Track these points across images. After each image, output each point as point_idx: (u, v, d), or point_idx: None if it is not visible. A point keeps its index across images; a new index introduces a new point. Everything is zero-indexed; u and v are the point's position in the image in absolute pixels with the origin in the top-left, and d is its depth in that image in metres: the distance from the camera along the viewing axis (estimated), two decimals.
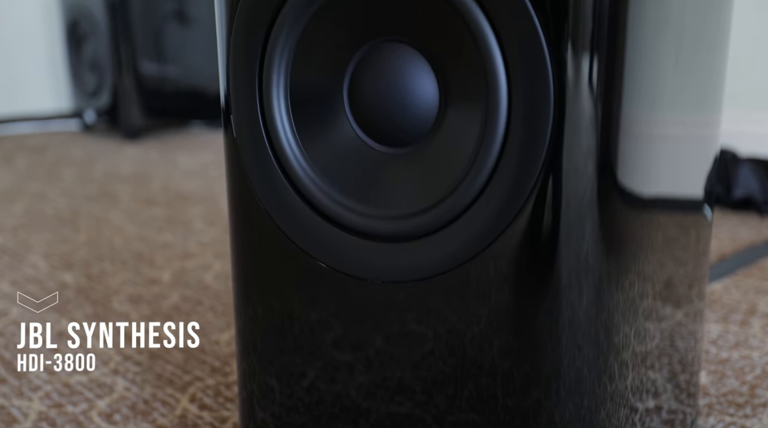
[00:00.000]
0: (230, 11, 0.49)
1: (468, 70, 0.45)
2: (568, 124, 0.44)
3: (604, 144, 0.45)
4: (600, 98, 0.44)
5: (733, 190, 1.31)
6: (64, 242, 1.25)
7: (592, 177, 0.45)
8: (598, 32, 0.43)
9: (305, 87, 0.48)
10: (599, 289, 0.48)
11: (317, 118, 0.49)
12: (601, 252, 0.48)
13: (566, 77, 0.43)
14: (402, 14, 0.46)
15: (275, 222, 0.51)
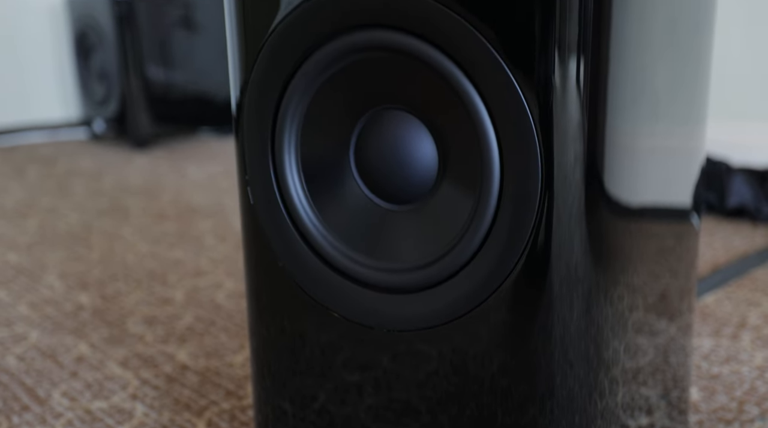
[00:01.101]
0: (241, 89, 0.53)
1: (463, 136, 0.49)
2: (557, 175, 0.47)
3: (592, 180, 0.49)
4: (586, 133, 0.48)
5: (727, 198, 1.34)
6: (78, 260, 1.30)
7: (581, 207, 0.49)
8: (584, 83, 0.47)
9: (315, 151, 0.52)
10: (589, 302, 0.52)
11: (327, 179, 0.52)
12: (590, 263, 0.51)
13: (552, 117, 0.47)
14: (400, 85, 0.50)
15: (291, 277, 0.55)
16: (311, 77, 0.50)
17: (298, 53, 0.50)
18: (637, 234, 0.57)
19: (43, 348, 0.96)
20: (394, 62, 0.48)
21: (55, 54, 2.48)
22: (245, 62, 0.52)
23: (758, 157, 1.44)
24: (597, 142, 0.48)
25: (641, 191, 0.56)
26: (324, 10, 0.48)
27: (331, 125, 0.51)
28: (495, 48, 0.45)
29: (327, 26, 0.48)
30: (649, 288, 0.62)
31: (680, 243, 0.68)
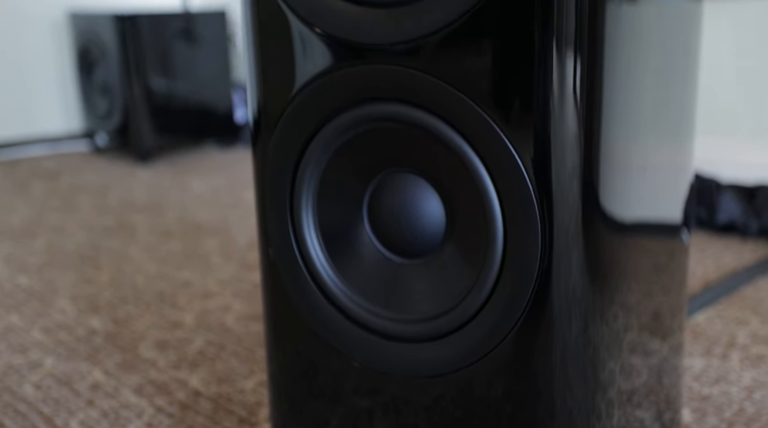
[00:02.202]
0: (262, 154, 0.57)
1: (467, 196, 0.52)
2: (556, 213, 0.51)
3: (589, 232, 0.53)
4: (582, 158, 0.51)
5: (717, 214, 1.38)
6: (89, 282, 1.33)
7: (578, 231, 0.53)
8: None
9: (331, 211, 0.56)
10: (586, 323, 0.56)
11: (343, 235, 0.56)
12: (587, 285, 0.54)
13: (551, 174, 0.50)
14: (408, 152, 0.53)
15: (311, 329, 0.59)
16: (326, 144, 0.54)
17: (314, 122, 0.53)
18: (629, 253, 0.60)
19: (58, 375, 1.00)
20: (402, 131, 0.52)
21: (58, 68, 2.51)
22: (265, 129, 0.56)
23: (746, 174, 1.48)
24: (594, 200, 0.52)
25: (634, 211, 0.59)
26: (338, 85, 0.52)
27: (345, 187, 0.55)
28: (494, 121, 0.49)
29: (341, 99, 0.52)
30: (642, 306, 0.65)
31: (671, 260, 0.72)
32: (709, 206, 1.40)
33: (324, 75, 0.52)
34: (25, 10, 2.43)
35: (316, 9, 0.51)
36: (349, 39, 0.50)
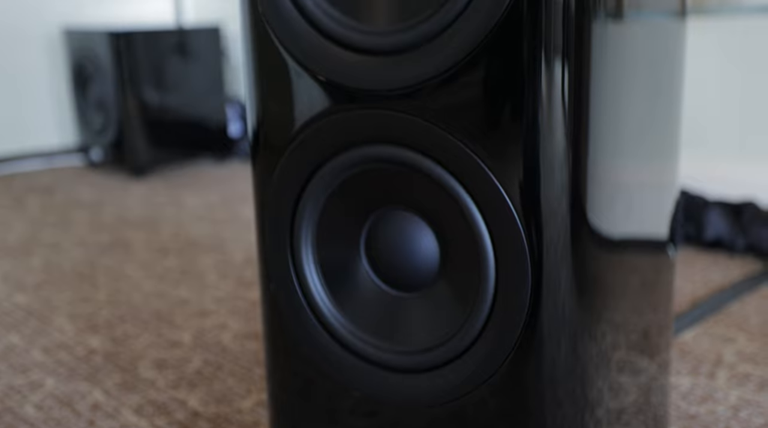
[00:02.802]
0: (262, 195, 0.59)
1: (459, 232, 0.55)
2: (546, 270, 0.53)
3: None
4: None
5: (705, 231, 1.41)
6: (86, 301, 1.35)
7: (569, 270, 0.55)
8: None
9: (330, 247, 0.58)
10: (574, 340, 0.58)
11: (341, 270, 0.58)
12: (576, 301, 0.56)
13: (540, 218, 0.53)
14: (402, 190, 0.56)
15: (312, 364, 0.61)
16: (325, 183, 0.56)
17: (312, 163, 0.56)
18: (616, 269, 0.62)
19: (59, 395, 1.01)
20: (397, 172, 0.54)
21: (53, 83, 2.53)
22: (266, 168, 0.58)
23: (732, 191, 1.51)
24: (582, 218, 0.55)
25: (621, 228, 0.61)
26: (335, 128, 0.54)
27: (343, 224, 0.57)
28: (484, 161, 0.51)
29: (338, 141, 0.55)
30: (629, 322, 0.68)
31: (658, 276, 0.74)
32: (697, 222, 1.43)
33: (321, 118, 0.55)
34: (20, 26, 2.45)
35: (315, 55, 0.53)
36: (346, 84, 0.52)
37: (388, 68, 0.51)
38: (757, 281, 1.27)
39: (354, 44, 0.52)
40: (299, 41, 0.53)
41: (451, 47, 0.50)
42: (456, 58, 0.50)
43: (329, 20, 0.52)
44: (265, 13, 0.53)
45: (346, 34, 0.52)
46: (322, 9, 0.52)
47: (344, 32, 0.52)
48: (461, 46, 0.49)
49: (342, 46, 0.52)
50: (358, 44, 0.52)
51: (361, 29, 0.51)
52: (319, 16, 0.52)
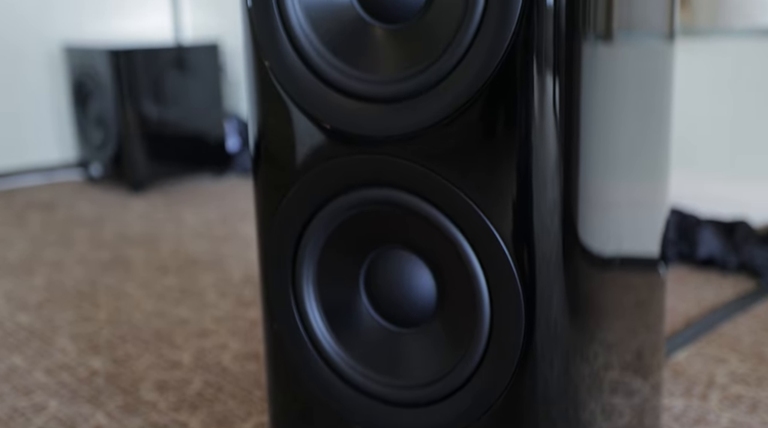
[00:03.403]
0: (264, 235, 0.61)
1: (455, 269, 0.57)
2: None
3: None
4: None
5: (698, 249, 1.43)
6: (88, 320, 1.36)
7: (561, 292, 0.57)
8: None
9: (331, 284, 0.60)
10: (567, 361, 0.60)
11: (342, 307, 0.60)
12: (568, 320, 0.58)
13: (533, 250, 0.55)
14: (398, 229, 0.58)
15: (314, 396, 0.63)
16: (325, 224, 0.58)
17: (313, 204, 0.58)
18: (608, 288, 0.64)
19: (62, 418, 1.03)
20: (394, 213, 0.56)
21: (54, 100, 2.55)
22: (267, 211, 0.60)
23: (724, 210, 1.54)
24: (574, 237, 0.57)
25: (612, 246, 0.63)
26: (335, 171, 0.56)
27: (343, 262, 0.59)
28: (479, 206, 0.54)
29: (337, 184, 0.57)
30: (621, 341, 0.69)
31: (649, 294, 0.76)
32: (691, 241, 1.45)
33: (323, 161, 0.57)
34: (21, 43, 2.47)
35: (318, 102, 0.55)
36: (347, 131, 0.54)
37: (387, 116, 0.53)
38: (749, 300, 1.29)
39: (355, 92, 0.54)
40: (303, 89, 0.55)
41: (448, 97, 0.52)
42: (452, 107, 0.52)
43: (332, 70, 0.54)
44: (272, 67, 0.55)
45: (348, 83, 0.54)
46: (326, 59, 0.54)
47: (346, 81, 0.54)
48: (457, 96, 0.51)
49: (344, 94, 0.54)
50: (359, 92, 0.54)
51: (363, 78, 0.54)
52: (323, 66, 0.54)
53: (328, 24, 0.53)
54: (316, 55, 0.54)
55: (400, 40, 0.54)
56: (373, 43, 0.54)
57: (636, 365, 0.75)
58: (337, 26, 0.54)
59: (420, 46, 0.53)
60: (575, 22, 0.52)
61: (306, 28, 0.53)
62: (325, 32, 0.53)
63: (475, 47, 0.50)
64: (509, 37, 0.49)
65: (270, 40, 0.54)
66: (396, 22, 0.54)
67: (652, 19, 0.67)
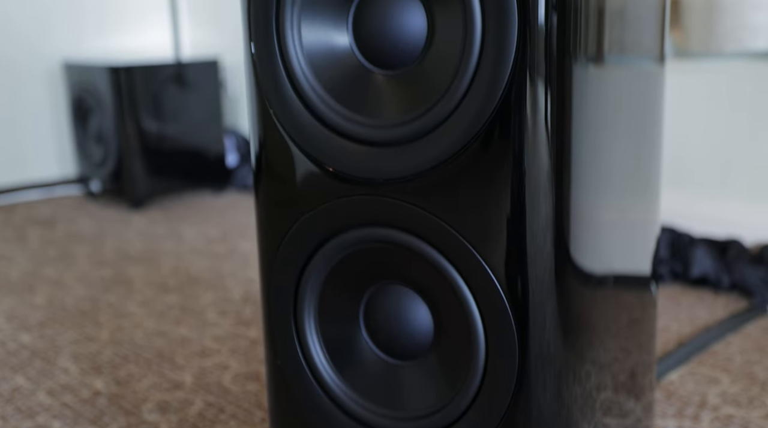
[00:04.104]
0: (267, 272, 0.63)
1: (451, 306, 0.59)
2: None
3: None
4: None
5: (691, 268, 1.45)
6: (90, 340, 1.38)
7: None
8: None
9: (332, 319, 0.62)
10: (559, 382, 0.61)
11: (342, 341, 0.62)
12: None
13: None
14: (396, 266, 0.60)
15: (314, 425, 0.65)
16: (325, 261, 0.60)
17: (314, 243, 0.60)
18: (599, 307, 0.65)
19: None
20: (391, 251, 0.59)
21: (54, 116, 2.57)
22: (269, 248, 0.62)
23: (718, 229, 1.56)
24: (566, 257, 0.59)
25: (604, 265, 0.65)
26: (335, 211, 0.59)
27: (343, 297, 0.61)
28: (471, 242, 0.56)
29: (337, 224, 0.59)
30: (613, 361, 0.71)
31: (640, 313, 0.78)
32: (684, 259, 1.47)
33: (324, 201, 0.59)
34: (21, 59, 2.49)
35: (321, 146, 0.57)
36: (348, 173, 0.57)
37: (387, 159, 0.56)
38: (741, 320, 1.31)
39: (357, 136, 0.56)
40: (306, 134, 0.57)
41: (444, 142, 0.54)
42: (448, 153, 0.54)
43: (334, 115, 0.56)
44: (277, 114, 0.57)
45: (350, 127, 0.56)
46: (328, 105, 0.56)
47: (348, 125, 0.56)
48: (453, 142, 0.54)
49: (346, 138, 0.56)
50: (360, 136, 0.56)
51: (364, 123, 0.56)
52: (325, 111, 0.56)
53: (330, 71, 0.56)
54: (319, 101, 0.56)
55: (399, 86, 0.56)
56: (373, 88, 0.56)
57: (628, 385, 0.77)
58: (338, 73, 0.56)
59: (418, 91, 0.55)
60: (568, 57, 0.54)
61: (309, 75, 0.56)
62: (328, 79, 0.56)
63: (470, 95, 0.53)
64: (504, 87, 0.52)
65: (273, 87, 0.56)
66: (395, 68, 0.56)
67: (642, 42, 0.70)
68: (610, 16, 0.60)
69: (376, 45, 0.56)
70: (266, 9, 0.54)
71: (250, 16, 0.56)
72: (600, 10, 0.58)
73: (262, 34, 0.55)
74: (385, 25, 0.56)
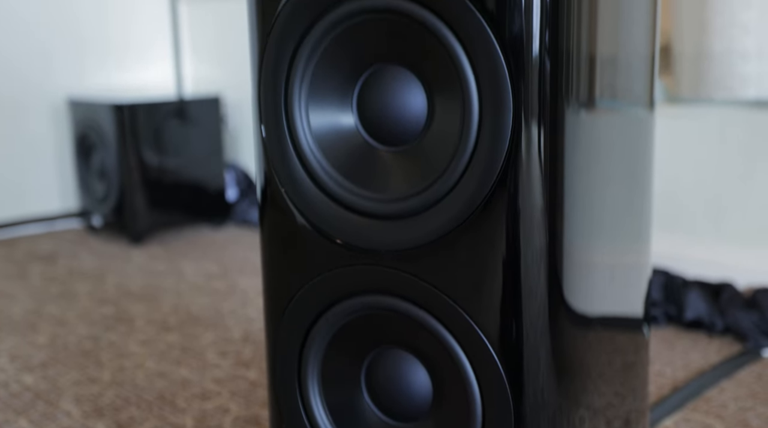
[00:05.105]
0: (272, 341, 0.65)
1: (450, 372, 0.61)
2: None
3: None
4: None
5: (685, 311, 1.48)
6: (92, 381, 1.40)
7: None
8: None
9: (334, 382, 0.64)
10: (554, 425, 0.63)
11: (345, 403, 0.64)
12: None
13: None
14: (398, 332, 0.62)
15: None
16: (329, 325, 0.63)
17: (317, 308, 0.62)
18: (593, 350, 0.67)
19: None
20: (393, 317, 0.61)
21: (57, 151, 2.60)
22: (275, 313, 0.64)
23: (711, 273, 1.59)
24: (559, 297, 0.61)
25: (598, 308, 0.67)
26: (340, 279, 0.61)
27: (345, 361, 0.63)
28: (466, 311, 0.58)
29: (343, 290, 0.61)
30: (606, 405, 0.73)
31: (633, 356, 0.80)
32: (678, 302, 1.50)
33: (328, 270, 0.62)
34: (25, 96, 2.53)
35: (327, 218, 0.60)
36: (352, 244, 0.59)
37: (390, 232, 0.59)
38: (735, 365, 1.33)
39: (362, 210, 0.59)
40: (314, 207, 0.60)
41: (443, 217, 0.57)
42: (447, 228, 0.57)
43: (341, 189, 0.59)
44: (288, 191, 0.60)
45: (356, 201, 0.59)
46: (335, 180, 0.59)
47: (354, 199, 0.59)
48: (452, 217, 0.56)
49: (352, 211, 0.59)
50: (366, 210, 0.59)
51: (369, 197, 0.59)
52: (332, 187, 0.59)
53: (337, 149, 0.59)
54: (327, 178, 0.59)
55: (402, 162, 0.59)
56: (377, 164, 0.59)
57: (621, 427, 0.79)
58: (345, 151, 0.59)
59: (420, 168, 0.58)
60: (560, 146, 0.57)
61: (317, 153, 0.59)
62: (335, 157, 0.59)
63: (467, 175, 0.56)
64: (499, 168, 0.55)
65: (283, 166, 0.59)
66: (398, 145, 0.59)
67: (632, 89, 0.72)
68: (601, 83, 0.63)
69: (380, 123, 0.59)
70: (275, 93, 0.57)
71: (260, 98, 0.59)
72: (591, 94, 0.61)
73: (272, 117, 0.58)
74: (387, 105, 0.59)
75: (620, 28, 0.67)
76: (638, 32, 0.71)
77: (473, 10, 0.53)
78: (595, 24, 0.60)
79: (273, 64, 0.59)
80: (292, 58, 0.58)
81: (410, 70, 0.58)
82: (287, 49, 0.58)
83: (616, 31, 0.65)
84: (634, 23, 0.70)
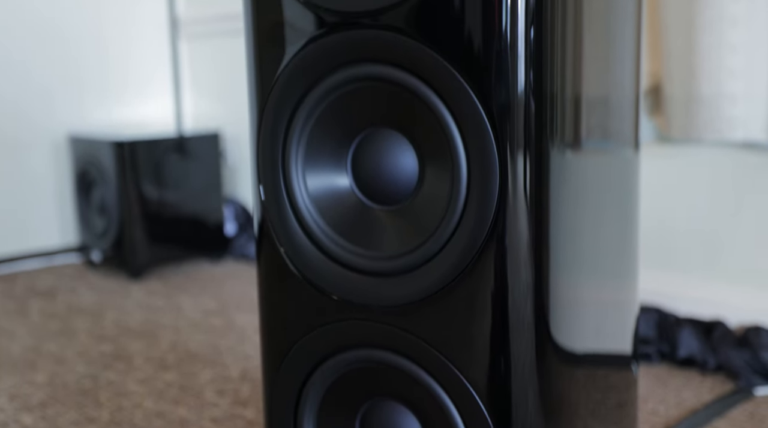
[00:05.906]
0: (268, 398, 0.67)
1: (441, 422, 0.63)
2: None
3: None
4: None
5: (678, 349, 1.50)
6: (91, 422, 1.41)
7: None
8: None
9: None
10: None
11: None
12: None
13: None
14: (391, 383, 0.64)
15: None
16: (323, 377, 0.65)
17: (313, 360, 0.64)
18: (580, 389, 0.69)
19: None
20: (384, 369, 0.63)
21: (57, 187, 2.63)
22: (271, 370, 0.66)
23: (702, 310, 1.61)
24: (547, 335, 0.63)
25: (586, 345, 0.68)
26: (333, 334, 0.64)
27: (340, 413, 0.65)
28: (454, 363, 0.60)
29: (336, 345, 0.63)
30: None
31: (621, 394, 0.81)
32: (671, 340, 1.51)
33: (323, 324, 0.64)
34: (29, 133, 2.57)
35: (323, 275, 0.62)
36: (347, 299, 0.62)
37: (383, 288, 0.61)
38: (727, 403, 1.35)
39: (357, 267, 0.61)
40: (311, 265, 0.63)
41: (432, 276, 0.59)
42: (438, 286, 0.59)
43: (336, 247, 0.62)
44: (287, 251, 0.63)
45: (352, 259, 0.61)
46: (331, 239, 0.62)
47: (350, 257, 0.61)
48: (441, 276, 0.59)
49: (346, 268, 0.62)
50: (360, 267, 0.61)
51: (364, 255, 0.61)
52: (329, 245, 0.62)
53: (333, 208, 0.61)
54: (323, 236, 0.62)
55: (395, 220, 0.61)
56: (372, 223, 0.62)
57: None
58: (340, 210, 0.62)
59: (412, 227, 0.61)
60: (545, 212, 0.60)
61: (314, 213, 0.61)
62: (331, 216, 0.61)
63: (456, 237, 0.58)
64: (486, 231, 0.57)
65: (282, 226, 0.61)
66: (391, 204, 0.62)
67: (618, 130, 0.75)
68: (587, 125, 0.65)
69: (374, 184, 0.62)
70: (273, 157, 0.60)
71: (259, 160, 0.62)
72: (577, 136, 0.63)
73: (270, 179, 0.61)
74: (380, 166, 0.62)
75: (606, 70, 0.69)
76: (623, 74, 0.74)
77: (461, 80, 0.56)
78: (580, 70, 0.63)
79: (271, 128, 0.62)
80: (289, 122, 0.61)
81: (402, 134, 0.61)
82: (284, 114, 0.61)
83: (600, 73, 0.68)
84: (618, 66, 0.73)
